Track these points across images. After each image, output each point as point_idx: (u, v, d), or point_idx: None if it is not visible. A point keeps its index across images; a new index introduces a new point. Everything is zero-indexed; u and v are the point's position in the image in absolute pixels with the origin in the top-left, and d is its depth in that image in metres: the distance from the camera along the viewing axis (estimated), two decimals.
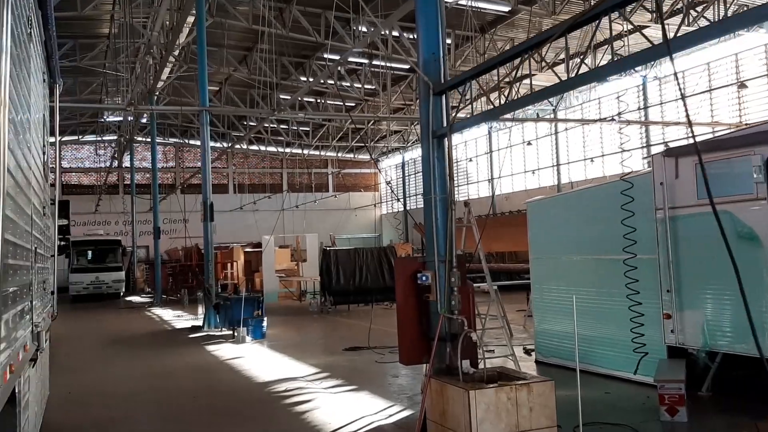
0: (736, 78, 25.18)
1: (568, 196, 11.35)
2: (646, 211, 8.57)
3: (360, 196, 51.53)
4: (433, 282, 7.03)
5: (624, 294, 8.77)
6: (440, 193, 7.33)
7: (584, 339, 9.48)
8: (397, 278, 7.37)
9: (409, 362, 7.73)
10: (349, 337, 15.13)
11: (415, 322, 7.29)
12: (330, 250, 21.65)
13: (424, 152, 7.55)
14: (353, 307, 21.72)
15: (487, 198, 39.50)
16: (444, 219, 7.25)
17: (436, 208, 7.27)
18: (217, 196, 46.31)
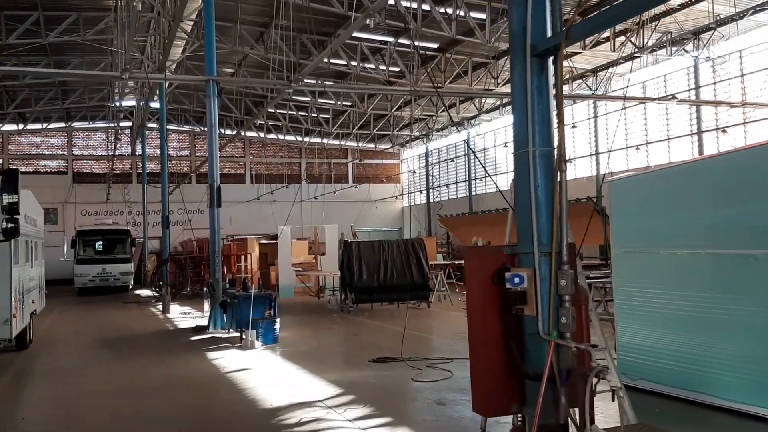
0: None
1: (669, 172, 9.01)
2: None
3: (381, 188, 49.37)
4: (530, 286, 4.77)
5: (760, 301, 6.52)
6: (541, 145, 5.04)
7: (692, 358, 7.22)
8: (468, 279, 5.16)
9: (489, 411, 5.35)
10: (375, 344, 12.97)
11: (497, 348, 5.02)
12: (352, 243, 19.48)
13: (518, 80, 5.25)
14: (377, 306, 19.58)
15: None
16: (548, 186, 4.96)
17: (535, 169, 4.98)
18: (234, 186, 45.03)
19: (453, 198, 44.04)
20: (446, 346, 12.24)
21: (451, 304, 20.01)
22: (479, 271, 5.02)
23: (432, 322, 16.33)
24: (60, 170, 44.77)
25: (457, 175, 43.98)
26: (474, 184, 41.70)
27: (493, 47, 27.58)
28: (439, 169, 46.42)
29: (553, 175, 4.95)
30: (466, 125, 40.89)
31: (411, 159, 50.17)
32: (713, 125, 26.07)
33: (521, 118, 5.13)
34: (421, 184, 48.17)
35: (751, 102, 23.00)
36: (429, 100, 35.01)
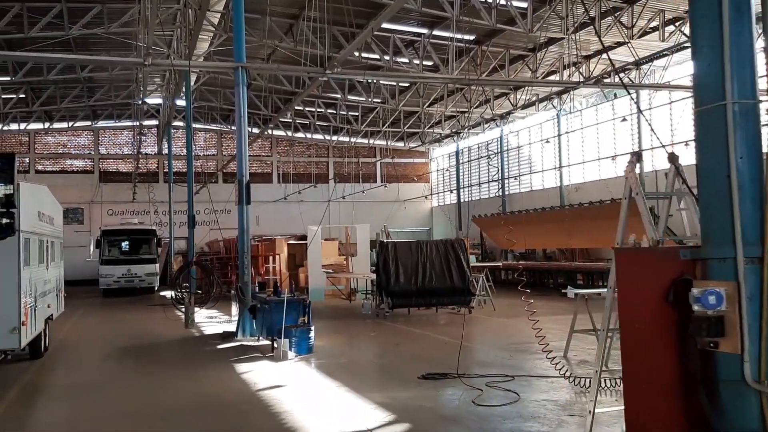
0: None
1: None
2: None
3: (410, 188, 48.15)
4: (731, 309, 3.29)
5: None
6: (743, 96, 3.60)
7: None
8: (623, 294, 3.88)
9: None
10: (420, 356, 11.76)
11: (670, 397, 3.44)
12: (388, 243, 18.28)
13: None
14: (413, 311, 18.35)
15: (553, 189, 35.77)
16: (757, 158, 3.53)
17: (736, 132, 3.58)
18: (261, 185, 44.04)
19: (485, 198, 42.68)
20: (500, 359, 10.99)
21: (493, 309, 18.72)
22: (642, 284, 3.68)
23: (477, 330, 15.07)
24: (86, 169, 44.27)
25: (489, 174, 42.61)
26: (507, 183, 40.31)
27: (533, 38, 26.28)
28: (469, 168, 45.07)
29: (758, 140, 3.49)
30: (499, 122, 39.52)
31: (441, 158, 48.89)
32: None
33: (709, 56, 3.69)
34: (451, 183, 46.86)
35: None
36: (462, 96, 33.71)
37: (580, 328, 11.26)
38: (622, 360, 4.16)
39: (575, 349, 11.31)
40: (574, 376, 8.84)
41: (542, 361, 10.66)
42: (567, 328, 14.86)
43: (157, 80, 35.92)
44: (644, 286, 3.64)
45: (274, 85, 31.88)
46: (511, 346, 12.23)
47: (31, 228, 11.00)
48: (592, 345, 11.76)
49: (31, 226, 10.92)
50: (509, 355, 11.39)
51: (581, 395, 8.34)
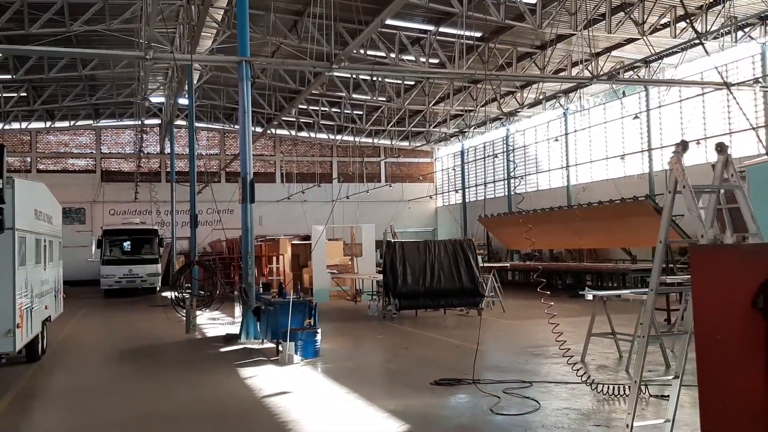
0: None
1: None
2: None
3: (414, 187, 47.71)
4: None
5: None
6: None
7: None
8: (698, 298, 3.43)
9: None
10: (431, 360, 11.32)
11: (763, 420, 2.94)
12: (395, 243, 17.84)
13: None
14: (421, 313, 17.91)
15: (560, 188, 35.30)
16: None
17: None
18: (264, 185, 43.60)
19: (490, 197, 42.20)
20: (516, 364, 10.54)
21: (503, 311, 18.27)
22: (724, 287, 3.21)
23: (488, 333, 14.62)
24: (88, 169, 43.93)
25: (495, 174, 42.16)
26: (513, 183, 39.85)
27: (540, 35, 25.83)
28: (475, 167, 44.64)
29: None
30: (505, 121, 39.07)
31: (446, 157, 48.46)
32: None
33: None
34: (456, 183, 46.42)
35: None
36: (469, 95, 33.26)
37: (597, 331, 10.81)
38: (698, 378, 3.73)
39: (593, 353, 10.87)
40: (597, 382, 8.39)
41: (560, 366, 10.23)
42: (581, 330, 14.43)
43: (159, 78, 35.55)
44: (727, 289, 3.17)
45: (278, 83, 31.45)
46: (525, 350, 11.78)
47: (27, 226, 10.58)
48: (609, 348, 11.34)
49: (27, 225, 10.51)
50: (525, 359, 10.94)
51: (604, 403, 7.90)
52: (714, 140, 26.73)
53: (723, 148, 4.81)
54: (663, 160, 29.13)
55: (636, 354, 6.05)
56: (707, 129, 26.90)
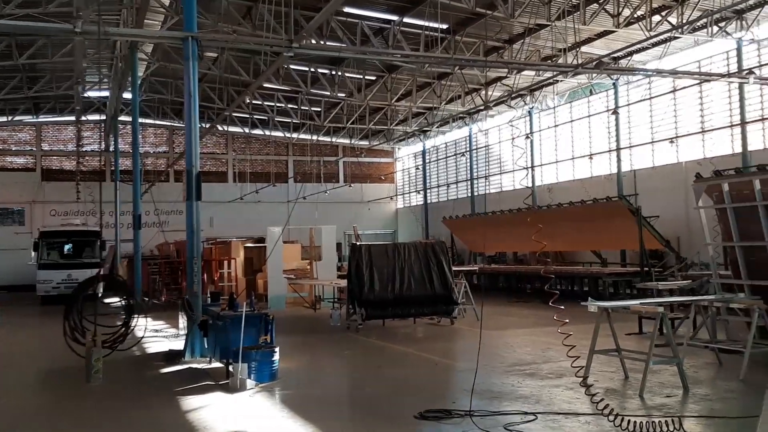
0: None
1: None
2: None
3: (374, 188, 46.17)
4: None
5: None
6: None
7: None
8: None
9: None
10: (410, 382, 9.75)
11: None
12: (361, 246, 16.20)
13: None
14: (389, 323, 16.30)
15: (524, 189, 34.15)
16: None
17: None
18: (215, 185, 41.44)
19: (453, 198, 40.97)
20: (509, 387, 9.04)
21: (477, 319, 16.78)
22: None
23: (467, 347, 13.14)
24: (28, 167, 41.22)
25: (457, 174, 40.91)
26: (476, 184, 38.66)
27: (510, 28, 24.63)
28: (437, 167, 43.35)
29: None
30: (468, 120, 37.85)
31: (407, 157, 47.06)
32: (757, 115, 23.18)
33: None
34: (417, 183, 45.04)
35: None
36: (432, 91, 31.88)
37: (598, 347, 9.40)
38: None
39: (594, 373, 9.43)
40: (619, 414, 6.92)
41: (561, 390, 8.77)
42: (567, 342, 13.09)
43: (104, 71, 33.20)
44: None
45: (230, 74, 29.48)
46: (515, 369, 10.30)
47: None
48: (612, 367, 9.94)
49: None
50: (517, 380, 9.44)
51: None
52: (686, 139, 25.96)
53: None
54: (632, 160, 28.22)
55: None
56: (678, 128, 26.03)
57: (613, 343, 9.59)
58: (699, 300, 10.02)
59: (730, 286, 11.88)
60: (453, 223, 32.08)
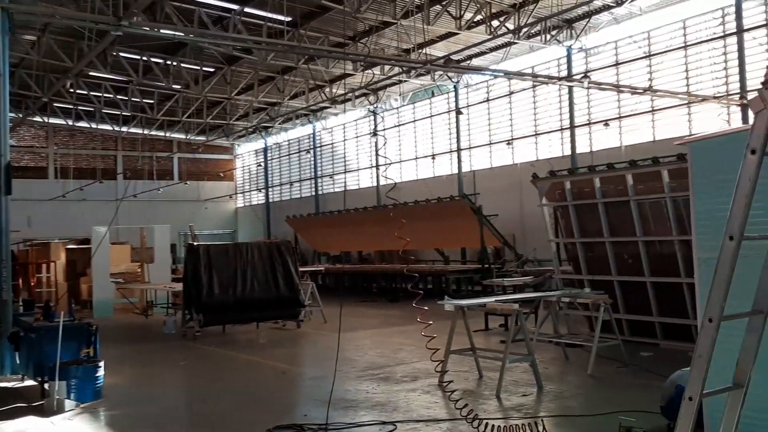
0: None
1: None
2: None
3: (213, 186, 44.27)
4: None
5: None
6: None
7: None
8: None
9: None
10: (254, 393, 8.92)
11: None
12: (199, 247, 15.00)
13: None
14: (230, 329, 15.27)
15: (370, 188, 34.21)
16: None
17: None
18: (34, 181, 37.65)
19: (296, 197, 40.21)
20: (364, 394, 8.49)
21: (324, 321, 16.20)
22: None
23: (317, 351, 12.52)
24: None
25: (301, 173, 40.19)
26: (321, 182, 38.19)
27: (354, 25, 24.35)
28: (279, 165, 42.33)
29: None
30: (312, 118, 37.28)
31: (247, 154, 45.58)
32: (584, 120, 24.61)
33: None
34: (258, 182, 43.75)
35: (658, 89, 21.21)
36: (275, 86, 30.91)
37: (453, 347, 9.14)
38: None
39: (449, 374, 9.11)
40: (480, 418, 6.58)
41: (417, 394, 8.38)
42: (418, 342, 12.82)
43: None
44: None
45: (51, 60, 26.68)
46: (368, 373, 9.80)
47: None
48: (466, 366, 9.71)
49: None
50: (372, 386, 8.94)
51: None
52: (521, 141, 27.08)
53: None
54: (471, 161, 29.03)
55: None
56: (514, 131, 27.09)
57: (466, 342, 9.36)
58: (548, 296, 10.07)
59: (571, 281, 12.22)
60: (297, 223, 31.34)
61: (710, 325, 2.72)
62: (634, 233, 10.85)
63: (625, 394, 7.96)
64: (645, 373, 9.10)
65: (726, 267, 2.66)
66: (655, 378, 8.75)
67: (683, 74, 21.20)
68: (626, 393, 8.07)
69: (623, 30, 23.12)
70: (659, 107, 21.92)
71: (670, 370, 8.98)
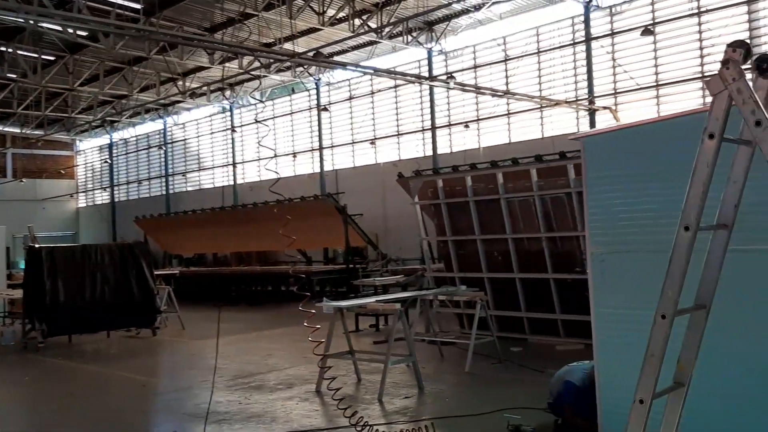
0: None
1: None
2: None
3: (52, 184, 40.89)
4: None
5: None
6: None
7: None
8: None
9: None
10: (113, 411, 8.04)
11: None
12: (41, 249, 13.52)
13: None
14: (77, 338, 13.90)
15: (226, 187, 33.06)
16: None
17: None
18: None
19: (146, 196, 38.03)
20: (235, 404, 7.90)
21: (182, 328, 15.23)
22: None
23: (179, 361, 11.64)
24: None
25: (150, 171, 38.06)
26: (172, 181, 36.38)
27: (211, 16, 23.37)
28: (127, 162, 39.87)
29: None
30: (164, 113, 35.44)
31: (91, 151, 42.55)
32: (445, 121, 25.13)
33: None
34: (103, 180, 40.97)
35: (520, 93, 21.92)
36: (123, 77, 28.96)
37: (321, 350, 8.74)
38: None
39: (327, 379, 8.72)
40: (369, 424, 6.26)
41: (295, 402, 7.93)
42: (288, 346, 12.34)
43: None
44: None
45: None
46: (238, 382, 9.18)
47: None
48: (342, 371, 9.35)
49: None
50: (245, 395, 8.35)
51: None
52: (384, 141, 27.18)
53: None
54: (333, 160, 28.77)
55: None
56: (377, 131, 27.17)
57: (343, 345, 9.01)
58: (426, 294, 9.94)
59: (443, 279, 12.24)
60: (146, 223, 29.56)
61: (663, 322, 2.54)
62: (504, 231, 11.02)
63: (504, 391, 7.96)
64: (519, 369, 9.21)
65: (681, 259, 2.49)
66: (530, 373, 8.88)
67: (537, 79, 22.19)
68: (505, 389, 8.08)
69: (481, 34, 23.84)
70: (515, 110, 22.80)
71: (541, 365, 9.22)
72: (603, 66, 20.83)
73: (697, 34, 19.08)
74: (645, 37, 19.36)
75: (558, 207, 10.51)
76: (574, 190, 10.01)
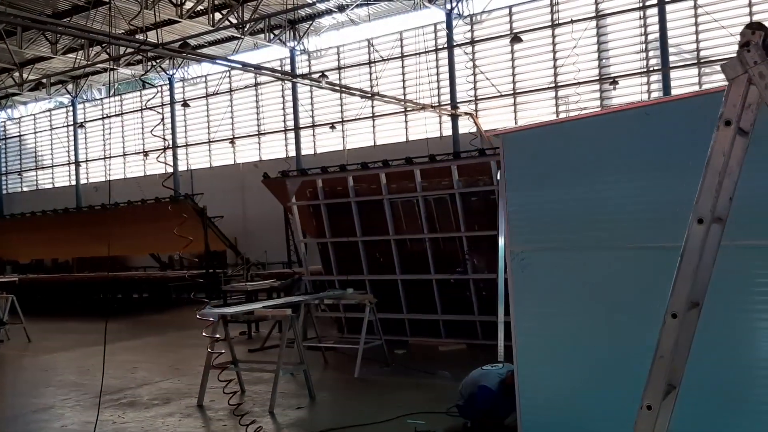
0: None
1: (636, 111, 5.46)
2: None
3: None
4: None
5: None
6: None
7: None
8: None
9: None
10: None
11: None
12: None
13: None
14: None
15: (68, 188, 30.62)
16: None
17: None
18: None
19: None
20: (109, 425, 7.11)
21: (29, 341, 13.72)
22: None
23: (27, 378, 10.38)
24: None
25: None
26: (6, 180, 33.13)
27: (53, 2, 21.53)
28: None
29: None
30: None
31: None
32: (308, 122, 24.78)
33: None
34: None
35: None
36: None
37: None
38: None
39: (210, 392, 8.09)
40: None
41: (177, 419, 7.27)
42: (155, 359, 11.45)
43: None
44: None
45: None
46: (109, 400, 8.27)
47: None
48: (221, 384, 8.71)
49: None
50: (117, 414, 7.54)
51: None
52: (244, 141, 26.25)
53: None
54: (188, 160, 27.44)
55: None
56: (236, 130, 26.27)
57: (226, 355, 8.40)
58: (313, 299, 9.52)
59: (322, 282, 11.88)
60: None
61: (674, 321, 2.39)
62: (386, 232, 10.86)
63: (400, 396, 7.75)
64: (408, 372, 9.06)
65: (694, 254, 2.34)
66: (422, 376, 8.76)
67: (401, 83, 22.42)
68: (401, 394, 7.88)
69: (346, 36, 23.77)
70: (380, 113, 22.90)
71: (427, 366, 9.15)
72: (465, 72, 21.43)
73: (551, 46, 20.15)
74: (505, 47, 20.16)
75: (441, 208, 10.52)
76: (457, 191, 10.07)
